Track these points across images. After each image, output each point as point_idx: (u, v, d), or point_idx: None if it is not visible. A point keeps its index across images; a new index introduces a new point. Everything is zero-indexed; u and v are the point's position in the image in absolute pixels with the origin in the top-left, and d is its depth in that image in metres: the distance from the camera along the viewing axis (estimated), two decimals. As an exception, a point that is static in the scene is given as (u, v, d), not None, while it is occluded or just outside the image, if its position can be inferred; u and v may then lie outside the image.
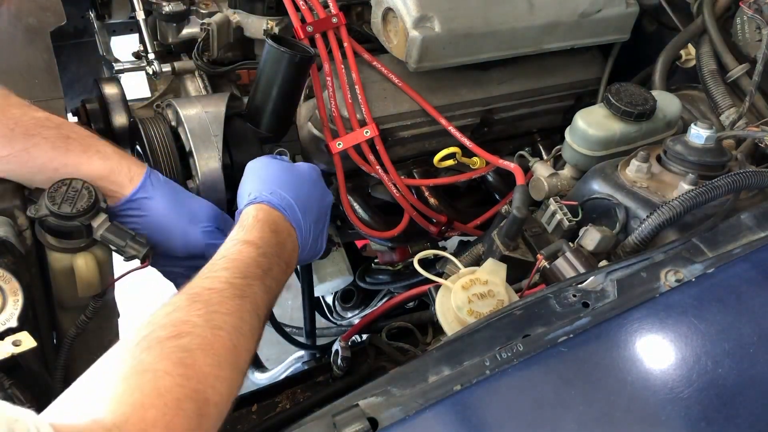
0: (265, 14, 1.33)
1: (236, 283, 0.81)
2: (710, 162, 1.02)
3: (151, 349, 0.68)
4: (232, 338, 0.74)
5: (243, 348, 0.76)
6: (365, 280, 1.68)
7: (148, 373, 0.65)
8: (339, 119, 1.25)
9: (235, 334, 0.75)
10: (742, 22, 1.23)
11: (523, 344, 0.75)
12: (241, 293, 0.80)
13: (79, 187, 0.95)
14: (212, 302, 0.77)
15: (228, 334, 0.74)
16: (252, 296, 0.81)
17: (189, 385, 0.67)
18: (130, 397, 0.63)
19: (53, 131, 0.95)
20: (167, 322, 0.72)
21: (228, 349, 0.73)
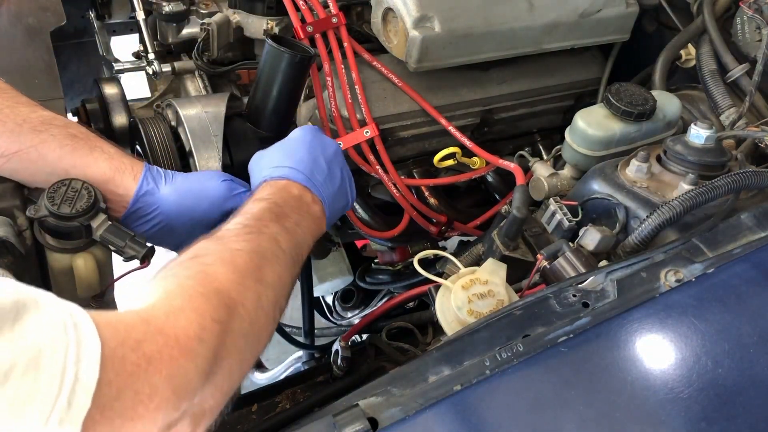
0: (265, 14, 1.33)
1: (250, 224, 0.82)
2: (710, 162, 1.02)
3: (169, 269, 0.71)
4: (253, 258, 0.75)
5: (268, 268, 0.77)
6: (365, 280, 1.68)
7: (172, 278, 0.68)
8: (339, 119, 1.25)
9: (255, 255, 0.76)
10: (742, 22, 1.23)
11: (523, 344, 0.75)
12: (257, 230, 0.81)
13: (79, 188, 0.95)
14: (227, 237, 0.78)
15: (248, 254, 0.75)
16: (268, 233, 0.82)
17: (212, 285, 0.69)
18: (156, 293, 0.66)
19: (60, 129, 0.94)
20: (184, 253, 0.74)
21: (248, 264, 0.74)
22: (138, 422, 0.57)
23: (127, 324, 0.60)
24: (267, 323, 0.76)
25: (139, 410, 0.57)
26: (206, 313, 0.66)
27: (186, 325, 0.63)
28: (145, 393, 0.58)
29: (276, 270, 0.79)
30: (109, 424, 0.55)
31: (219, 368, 0.66)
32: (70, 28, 1.62)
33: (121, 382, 0.56)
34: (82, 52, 1.69)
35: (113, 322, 0.59)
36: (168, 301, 0.65)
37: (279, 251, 0.81)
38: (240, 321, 0.70)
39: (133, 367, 0.57)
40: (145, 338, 0.60)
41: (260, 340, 0.76)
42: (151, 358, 0.59)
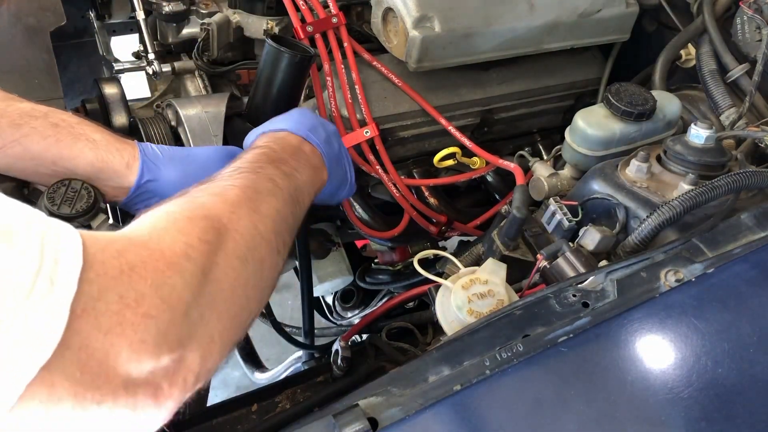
0: (265, 14, 1.33)
1: (244, 166, 0.80)
2: (710, 162, 1.02)
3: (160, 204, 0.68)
4: (246, 191, 0.74)
5: (263, 201, 0.74)
6: (365, 280, 1.68)
7: (158, 210, 0.66)
8: (339, 119, 1.25)
9: (248, 190, 0.74)
10: (742, 22, 1.23)
11: (523, 344, 0.75)
12: (251, 170, 0.79)
13: (78, 188, 0.95)
14: (220, 178, 0.77)
15: (240, 188, 0.74)
16: (264, 173, 0.80)
17: (199, 211, 0.66)
18: (141, 220, 0.64)
19: (40, 121, 0.91)
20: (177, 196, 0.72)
21: (240, 196, 0.72)
22: (127, 328, 0.53)
23: (108, 237, 0.57)
24: (270, 253, 0.73)
25: (127, 315, 0.53)
26: (192, 233, 0.63)
27: (171, 242, 0.60)
28: (131, 297, 0.53)
29: (272, 203, 0.77)
30: (94, 322, 0.51)
31: (214, 287, 0.62)
32: (70, 28, 1.62)
33: (103, 283, 0.52)
34: (82, 52, 1.69)
35: (92, 234, 0.55)
36: (152, 223, 0.63)
37: (275, 188, 0.79)
38: (233, 243, 0.66)
39: (115, 271, 0.54)
40: (127, 249, 0.57)
41: (264, 269, 0.71)
42: (134, 266, 0.55)
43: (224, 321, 0.63)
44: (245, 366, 1.91)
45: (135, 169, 0.93)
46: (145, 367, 0.54)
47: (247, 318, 0.69)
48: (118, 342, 0.52)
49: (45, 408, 0.49)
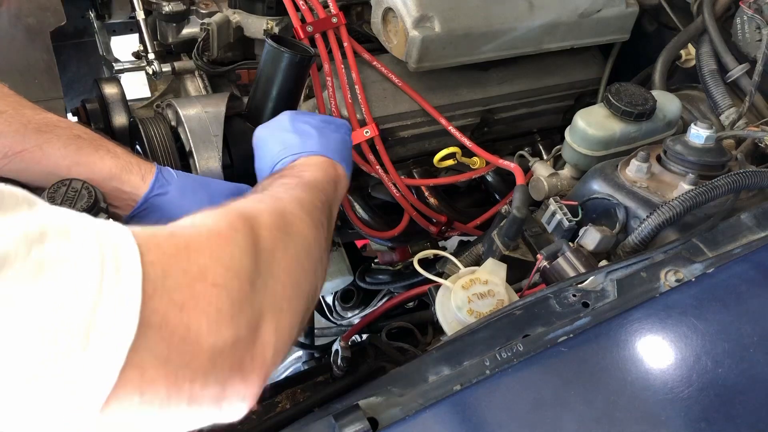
0: (265, 14, 1.33)
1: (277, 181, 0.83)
2: (710, 162, 1.02)
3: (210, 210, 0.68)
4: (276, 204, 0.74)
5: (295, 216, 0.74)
6: (365, 280, 1.68)
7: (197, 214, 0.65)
8: (339, 119, 1.25)
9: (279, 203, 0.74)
10: (742, 22, 1.23)
11: (523, 344, 0.75)
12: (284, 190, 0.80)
13: (79, 187, 0.95)
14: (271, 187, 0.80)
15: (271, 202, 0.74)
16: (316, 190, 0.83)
17: (234, 210, 0.66)
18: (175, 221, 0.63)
19: (65, 130, 0.94)
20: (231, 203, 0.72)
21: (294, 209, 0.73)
22: (201, 300, 0.53)
23: (153, 228, 0.57)
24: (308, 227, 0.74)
25: (197, 287, 0.53)
26: (230, 216, 0.63)
27: (214, 222, 0.61)
28: (195, 270, 0.54)
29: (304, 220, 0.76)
30: (168, 299, 0.51)
31: (266, 255, 0.63)
32: (70, 28, 1.62)
33: (165, 262, 0.53)
34: (82, 52, 1.69)
35: (137, 227, 0.55)
36: (189, 217, 0.63)
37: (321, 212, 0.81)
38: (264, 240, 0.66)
39: (172, 249, 0.54)
40: (176, 233, 0.57)
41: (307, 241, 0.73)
42: (188, 243, 0.56)
43: (288, 290, 0.64)
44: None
45: (148, 181, 0.95)
46: (227, 337, 0.54)
47: (309, 289, 0.70)
48: (195, 315, 0.53)
49: (140, 394, 0.49)
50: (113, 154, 0.96)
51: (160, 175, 0.96)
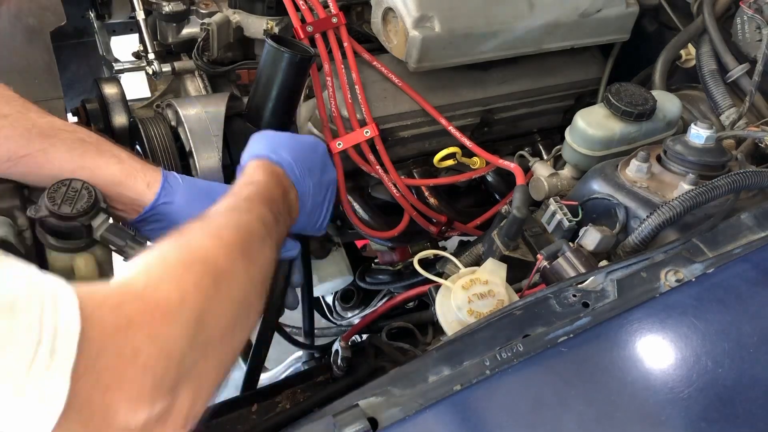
0: (265, 14, 1.33)
1: (239, 205, 0.82)
2: (710, 162, 1.02)
3: (153, 247, 0.69)
4: (240, 233, 0.75)
5: (255, 245, 0.76)
6: (365, 280, 1.67)
7: (153, 252, 0.67)
8: (339, 119, 1.25)
9: (243, 232, 0.75)
10: (742, 22, 1.23)
11: (523, 344, 0.75)
12: (246, 209, 0.81)
13: (79, 187, 0.95)
14: (212, 215, 0.78)
15: (235, 230, 0.75)
16: (257, 213, 0.81)
17: (195, 254, 0.68)
18: (136, 267, 0.64)
19: (70, 134, 0.95)
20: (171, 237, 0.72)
21: (235, 238, 0.73)
22: (126, 383, 0.55)
23: (105, 291, 0.59)
24: (257, 298, 0.75)
25: (126, 370, 0.55)
26: (188, 281, 0.64)
27: (167, 292, 0.62)
28: (129, 352, 0.56)
29: (263, 249, 0.78)
30: (95, 381, 0.53)
31: (207, 333, 0.64)
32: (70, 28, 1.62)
33: (102, 340, 0.54)
34: (82, 52, 1.69)
35: (90, 289, 0.57)
36: (147, 270, 0.64)
37: (266, 233, 0.81)
38: (227, 289, 0.68)
39: (112, 328, 0.56)
40: (123, 302, 0.58)
41: (251, 313, 0.75)
42: (131, 320, 0.57)
43: (214, 364, 0.66)
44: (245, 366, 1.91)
45: (155, 190, 0.96)
46: (141, 416, 0.57)
47: (233, 359, 0.72)
48: (117, 397, 0.55)
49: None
50: (118, 159, 0.96)
51: (166, 183, 0.96)
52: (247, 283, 0.73)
